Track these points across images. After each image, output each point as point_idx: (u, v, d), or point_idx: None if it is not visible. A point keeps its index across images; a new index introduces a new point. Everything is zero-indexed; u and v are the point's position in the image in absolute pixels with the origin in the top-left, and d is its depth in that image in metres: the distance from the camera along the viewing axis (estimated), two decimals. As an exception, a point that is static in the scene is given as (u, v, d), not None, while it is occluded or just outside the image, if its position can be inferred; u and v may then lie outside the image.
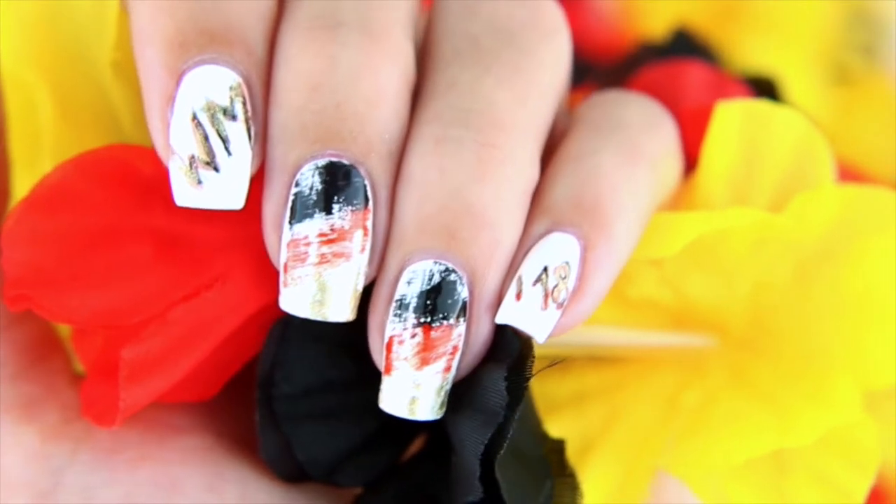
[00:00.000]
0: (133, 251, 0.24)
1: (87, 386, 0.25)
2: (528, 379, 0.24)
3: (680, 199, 0.28)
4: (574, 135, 0.26)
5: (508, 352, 0.24)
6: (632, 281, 0.28)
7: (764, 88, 0.31)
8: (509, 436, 0.23)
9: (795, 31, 0.61)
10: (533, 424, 0.26)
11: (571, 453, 0.28)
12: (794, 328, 0.27)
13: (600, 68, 0.35)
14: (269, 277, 0.25)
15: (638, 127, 0.26)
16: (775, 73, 0.32)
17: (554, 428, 0.28)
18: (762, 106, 0.27)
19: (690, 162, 0.28)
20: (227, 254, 0.25)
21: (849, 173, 0.31)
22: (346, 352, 0.26)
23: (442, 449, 0.27)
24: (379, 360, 0.24)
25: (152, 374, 0.25)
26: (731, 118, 0.27)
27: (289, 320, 0.26)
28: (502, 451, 0.23)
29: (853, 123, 0.60)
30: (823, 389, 0.27)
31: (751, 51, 0.59)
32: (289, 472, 0.27)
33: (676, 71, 0.31)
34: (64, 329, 0.27)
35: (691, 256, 0.27)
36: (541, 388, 0.29)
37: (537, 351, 0.27)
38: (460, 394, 0.25)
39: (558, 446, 0.26)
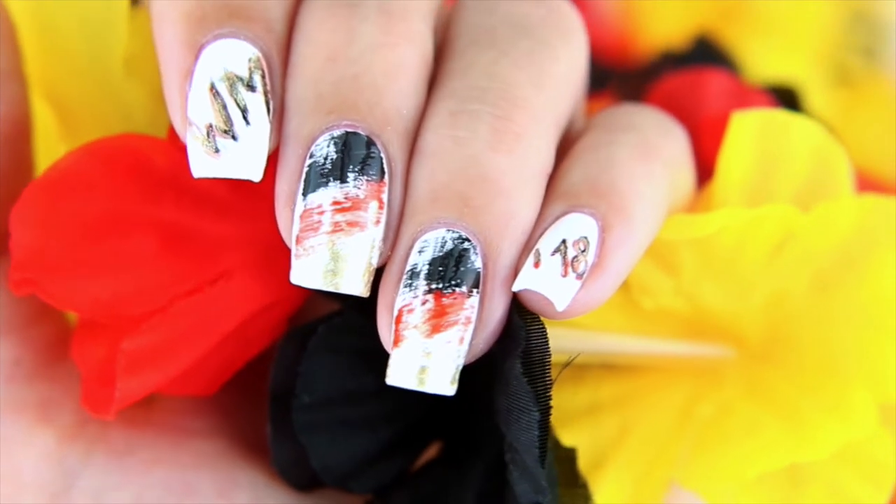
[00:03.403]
0: (140, 241, 0.24)
1: (87, 376, 0.25)
2: (545, 367, 0.23)
3: (696, 209, 0.28)
4: (588, 133, 0.26)
5: (519, 339, 0.23)
6: (647, 291, 0.28)
7: (785, 97, 0.31)
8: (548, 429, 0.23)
9: (796, 33, 0.61)
10: None
11: (585, 465, 0.28)
12: (811, 339, 0.27)
13: (611, 72, 0.35)
14: (273, 276, 0.25)
15: (651, 130, 0.26)
16: (796, 82, 0.31)
17: (568, 439, 0.28)
18: (779, 115, 0.27)
19: (711, 171, 0.28)
20: (233, 251, 0.25)
21: (865, 181, 0.30)
22: (365, 363, 0.26)
23: (456, 457, 0.28)
24: (387, 337, 0.23)
25: (150, 367, 0.25)
26: (747, 127, 0.27)
27: (308, 332, 0.26)
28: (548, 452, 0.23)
29: (854, 125, 0.60)
30: (840, 402, 0.26)
31: (751, 53, 0.59)
32: (302, 480, 0.27)
33: (698, 79, 0.30)
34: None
35: (707, 267, 0.27)
36: (555, 399, 0.28)
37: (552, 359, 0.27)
38: (501, 393, 0.24)
39: (570, 455, 0.26)
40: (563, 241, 0.23)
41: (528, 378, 0.23)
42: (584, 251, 0.23)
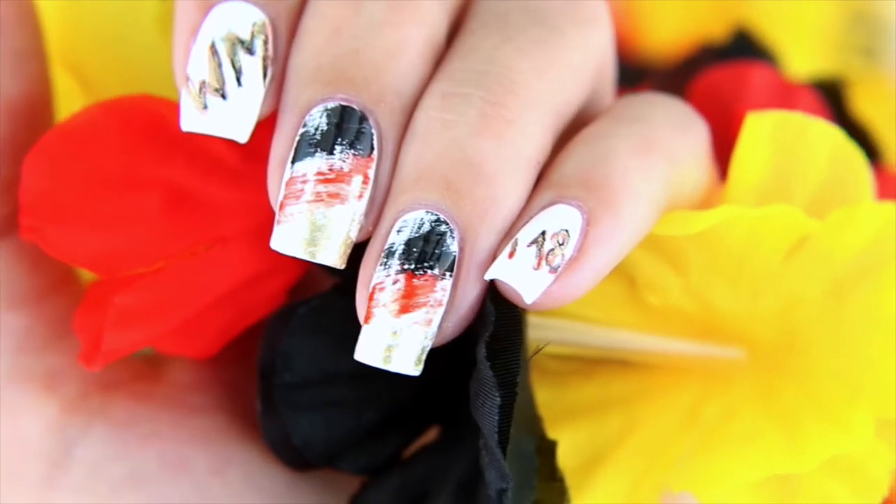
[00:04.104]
0: (144, 199, 0.25)
1: (85, 337, 0.26)
2: (515, 353, 0.23)
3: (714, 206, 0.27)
4: (593, 123, 0.26)
5: (488, 324, 0.24)
6: (653, 288, 0.27)
7: (829, 92, 0.31)
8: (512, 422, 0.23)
9: (795, 33, 0.61)
10: (528, 420, 0.26)
11: (584, 461, 0.28)
12: (821, 348, 0.27)
13: (645, 69, 0.35)
14: (268, 246, 0.25)
15: (661, 124, 0.26)
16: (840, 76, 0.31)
17: (571, 435, 0.28)
18: (795, 118, 0.27)
19: None
20: (233, 218, 0.26)
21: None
22: (346, 344, 0.25)
23: (455, 441, 0.27)
24: (361, 313, 0.24)
25: (139, 323, 0.25)
26: (762, 129, 0.26)
27: (292, 311, 0.26)
28: (509, 441, 0.23)
29: (853, 125, 0.60)
30: (840, 415, 0.26)
31: (750, 52, 0.59)
32: (292, 458, 0.27)
33: (741, 73, 0.30)
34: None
35: (716, 267, 0.27)
36: (562, 393, 0.28)
37: (560, 351, 0.27)
38: (474, 379, 0.24)
39: (550, 447, 0.25)
40: (543, 233, 0.23)
41: (491, 363, 0.23)
42: (562, 244, 0.23)
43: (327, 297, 0.26)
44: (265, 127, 0.24)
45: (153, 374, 0.28)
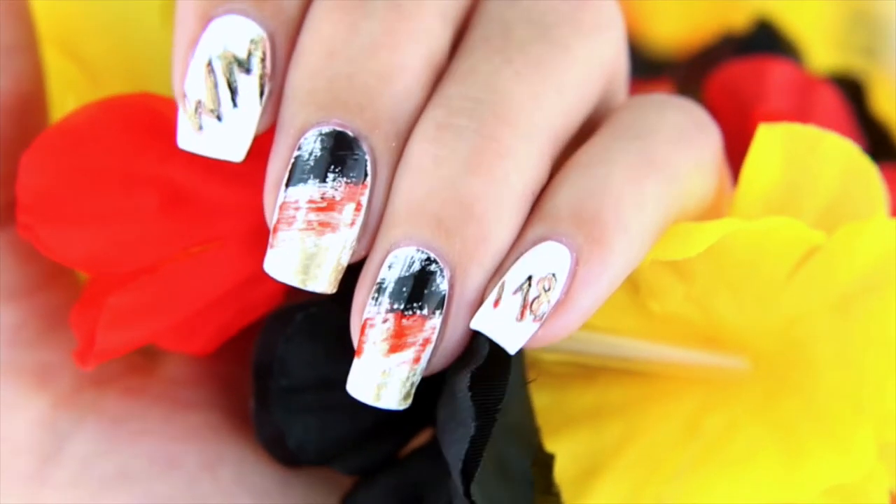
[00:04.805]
0: (141, 198, 0.25)
1: (82, 336, 0.26)
2: (500, 387, 0.23)
3: (724, 213, 0.27)
4: (593, 139, 0.25)
5: (478, 358, 0.23)
6: (656, 295, 0.27)
7: (850, 88, 0.30)
8: (485, 451, 0.23)
9: (796, 33, 0.61)
10: (524, 434, 0.25)
11: (582, 471, 0.27)
12: (827, 364, 0.26)
13: (663, 62, 0.34)
14: (264, 249, 0.25)
15: (664, 137, 0.25)
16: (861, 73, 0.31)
17: (569, 443, 0.27)
18: (808, 130, 0.26)
19: None
20: (231, 219, 0.26)
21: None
22: (343, 350, 0.25)
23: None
24: (354, 341, 0.24)
25: (133, 323, 0.25)
26: (773, 141, 0.26)
27: (290, 315, 0.26)
28: (478, 470, 0.23)
29: (853, 126, 0.60)
30: (841, 433, 0.26)
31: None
32: (283, 455, 0.27)
33: (761, 68, 0.30)
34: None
35: (721, 277, 0.26)
36: (561, 399, 0.28)
37: (559, 357, 0.27)
38: (444, 404, 0.24)
39: (547, 461, 0.25)
40: (529, 278, 0.23)
41: (473, 393, 0.23)
42: (548, 290, 0.23)
43: (325, 304, 0.26)
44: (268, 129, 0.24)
45: (147, 367, 0.28)
